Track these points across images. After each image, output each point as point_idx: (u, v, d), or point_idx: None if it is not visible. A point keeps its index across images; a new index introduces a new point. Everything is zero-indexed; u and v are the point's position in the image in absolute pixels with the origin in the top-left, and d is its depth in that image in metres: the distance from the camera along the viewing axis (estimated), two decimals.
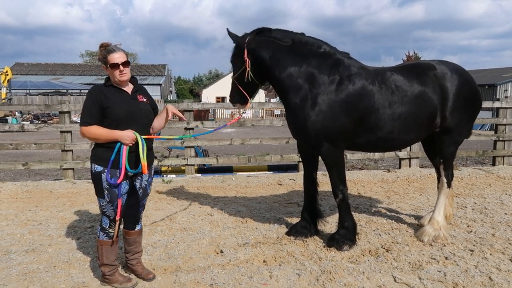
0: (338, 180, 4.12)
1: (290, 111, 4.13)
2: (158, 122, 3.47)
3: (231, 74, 4.27)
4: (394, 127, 4.06)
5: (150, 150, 3.37)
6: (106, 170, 3.12)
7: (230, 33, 4.19)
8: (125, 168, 3.11)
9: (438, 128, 4.31)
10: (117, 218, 3.22)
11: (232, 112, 37.18)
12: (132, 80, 3.34)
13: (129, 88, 3.29)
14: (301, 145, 4.51)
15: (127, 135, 3.11)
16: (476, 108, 4.51)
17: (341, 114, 3.90)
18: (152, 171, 3.51)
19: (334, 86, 3.92)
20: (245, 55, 4.00)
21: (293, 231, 4.49)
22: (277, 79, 4.09)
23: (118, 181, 3.12)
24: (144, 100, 3.35)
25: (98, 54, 3.27)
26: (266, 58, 4.04)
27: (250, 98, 4.20)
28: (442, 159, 4.48)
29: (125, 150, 3.12)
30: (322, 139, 3.95)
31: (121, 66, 3.13)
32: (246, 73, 4.05)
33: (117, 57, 3.14)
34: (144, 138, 3.19)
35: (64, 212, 5.51)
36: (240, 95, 4.18)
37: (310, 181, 4.53)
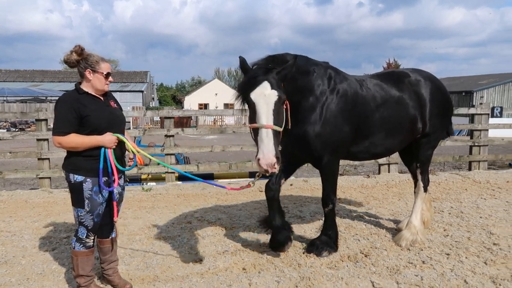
0: (331, 191, 4.06)
1: (294, 129, 3.62)
2: None
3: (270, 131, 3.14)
4: (382, 131, 4.11)
5: (124, 158, 3.33)
6: (92, 180, 3.08)
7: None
8: (117, 169, 3.14)
9: (420, 134, 4.40)
10: (115, 219, 3.29)
11: (214, 119, 37.09)
12: None
13: (100, 95, 3.24)
14: (284, 159, 4.03)
15: (109, 139, 3.09)
16: (449, 112, 4.70)
17: (344, 123, 3.83)
18: (124, 178, 3.48)
19: (334, 98, 3.81)
20: (286, 100, 3.36)
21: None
22: (291, 105, 3.54)
23: (115, 185, 3.17)
24: (116, 106, 3.33)
25: (84, 54, 3.10)
26: (294, 90, 3.57)
27: None
28: (419, 163, 4.57)
29: (110, 154, 3.10)
30: (325, 151, 3.82)
31: (110, 77, 3.19)
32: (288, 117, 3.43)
33: (109, 67, 3.20)
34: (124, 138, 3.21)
35: (39, 222, 5.37)
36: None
37: (275, 185, 4.13)
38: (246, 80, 3.29)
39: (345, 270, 3.80)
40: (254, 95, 3.18)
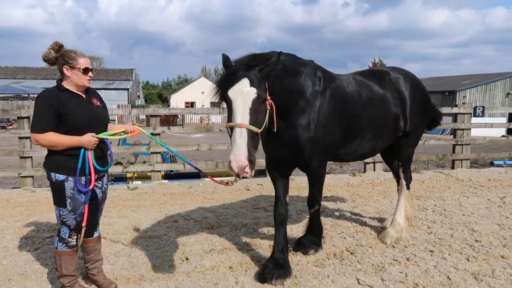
0: (318, 193, 4.01)
1: (284, 133, 3.50)
2: None
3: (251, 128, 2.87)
4: (369, 131, 4.07)
5: (105, 157, 3.29)
6: (74, 179, 3.02)
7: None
8: (95, 170, 3.07)
9: (402, 132, 4.43)
10: (84, 224, 3.13)
11: (201, 117, 36.92)
12: None
13: (82, 92, 3.18)
14: (277, 167, 3.91)
15: (88, 140, 3.01)
16: (428, 110, 4.74)
17: (336, 125, 3.73)
18: (107, 176, 3.43)
19: (326, 100, 3.67)
20: (268, 97, 3.10)
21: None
22: (279, 107, 3.32)
23: (91, 187, 3.08)
24: (99, 104, 3.26)
25: (62, 51, 3.05)
26: (281, 91, 3.32)
27: None
28: (401, 161, 4.63)
29: (90, 155, 3.04)
30: (316, 154, 3.66)
31: (90, 72, 3.10)
32: (270, 117, 3.16)
33: (88, 62, 3.10)
34: (105, 136, 3.15)
35: (22, 222, 5.27)
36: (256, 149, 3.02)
37: (285, 206, 3.88)
38: (225, 75, 3.07)
39: (331, 267, 3.83)
40: (232, 92, 2.93)
